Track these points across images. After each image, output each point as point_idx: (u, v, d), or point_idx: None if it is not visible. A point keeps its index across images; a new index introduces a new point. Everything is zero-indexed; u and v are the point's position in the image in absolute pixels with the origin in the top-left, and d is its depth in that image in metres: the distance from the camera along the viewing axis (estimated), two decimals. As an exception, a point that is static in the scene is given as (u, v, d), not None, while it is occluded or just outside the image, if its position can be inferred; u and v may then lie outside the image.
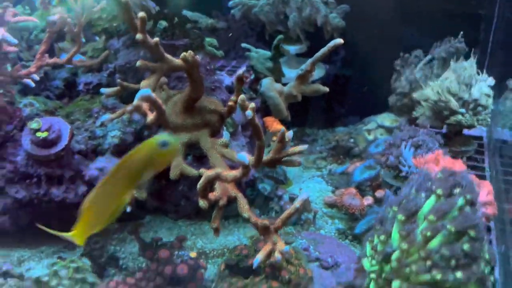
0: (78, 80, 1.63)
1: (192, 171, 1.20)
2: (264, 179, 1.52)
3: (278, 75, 1.70)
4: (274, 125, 1.74)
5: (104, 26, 1.56)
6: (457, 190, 0.81)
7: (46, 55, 1.24)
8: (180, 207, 1.46)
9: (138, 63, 1.09)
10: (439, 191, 0.81)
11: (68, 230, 1.44)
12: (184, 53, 1.14)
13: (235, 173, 0.99)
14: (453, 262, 0.76)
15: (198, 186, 1.00)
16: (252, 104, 1.01)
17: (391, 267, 0.82)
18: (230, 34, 2.17)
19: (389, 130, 1.86)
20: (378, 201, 1.46)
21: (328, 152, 1.89)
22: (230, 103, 1.20)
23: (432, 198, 0.82)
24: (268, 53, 1.72)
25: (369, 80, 2.11)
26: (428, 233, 0.78)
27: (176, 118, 1.24)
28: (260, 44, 2.20)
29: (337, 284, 1.18)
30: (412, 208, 0.83)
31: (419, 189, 0.85)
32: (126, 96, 1.51)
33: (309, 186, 1.64)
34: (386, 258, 0.83)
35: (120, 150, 1.33)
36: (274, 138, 1.72)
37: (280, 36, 1.65)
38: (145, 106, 1.06)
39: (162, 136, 0.85)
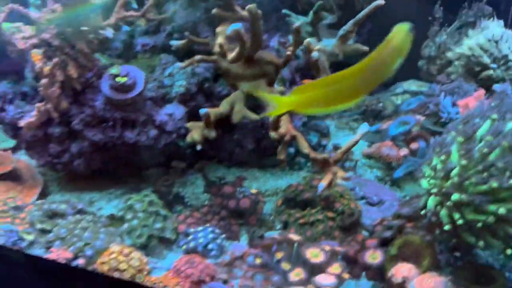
0: (135, 41, 1.72)
1: (253, 115, 1.30)
2: (310, 132, 1.62)
3: (317, 39, 1.79)
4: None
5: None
6: (508, 115, 0.92)
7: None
8: (234, 154, 1.56)
9: (215, 10, 1.19)
10: (494, 116, 0.91)
11: (135, 172, 1.55)
12: (250, 5, 1.24)
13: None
14: (507, 173, 0.87)
15: (271, 120, 1.11)
16: (318, 46, 1.11)
17: (451, 182, 0.92)
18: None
19: (415, 94, 1.96)
20: (412, 152, 1.56)
21: (359, 115, 1.99)
22: (288, 52, 1.30)
23: (488, 122, 0.92)
24: (307, 19, 1.81)
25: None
26: (485, 150, 0.88)
27: (237, 69, 1.34)
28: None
29: (380, 218, 1.28)
30: (470, 131, 0.93)
31: (474, 116, 0.95)
32: (182, 56, 1.61)
33: (346, 140, 1.74)
34: (447, 175, 0.94)
35: (185, 98, 1.43)
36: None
37: (320, 2, 1.75)
38: (225, 47, 1.15)
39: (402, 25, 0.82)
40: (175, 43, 1.36)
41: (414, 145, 1.58)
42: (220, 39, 1.13)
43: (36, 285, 1.25)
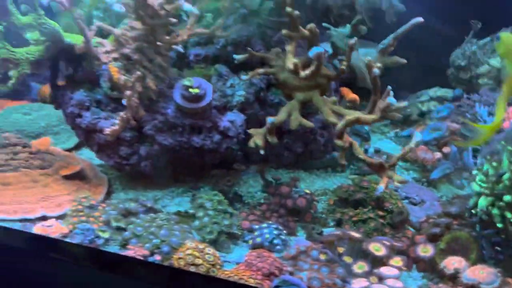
0: (188, 52, 1.82)
1: (308, 122, 1.40)
2: (352, 136, 1.72)
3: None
4: (350, 94, 1.93)
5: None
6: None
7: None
8: (282, 157, 1.66)
9: (284, 31, 1.29)
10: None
11: (199, 172, 1.64)
12: (310, 24, 1.34)
13: (373, 116, 1.19)
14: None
15: (339, 127, 1.21)
16: (379, 64, 1.21)
17: (503, 185, 1.02)
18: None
19: (441, 101, 2.06)
20: (445, 156, 1.67)
21: (388, 120, 2.09)
22: (342, 67, 1.40)
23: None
24: (346, 31, 1.91)
25: (417, 58, 2.29)
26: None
27: (293, 81, 1.44)
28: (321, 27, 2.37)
29: (426, 216, 1.38)
30: (519, 141, 1.04)
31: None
32: (235, 67, 1.71)
33: (382, 144, 1.85)
34: (498, 179, 1.04)
35: (243, 106, 1.53)
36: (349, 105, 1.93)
37: (359, 17, 1.85)
38: (299, 65, 1.25)
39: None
40: (238, 57, 1.46)
41: (446, 149, 1.68)
42: (292, 58, 1.23)
43: (114, 281, 1.34)
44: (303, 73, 1.24)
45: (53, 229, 1.43)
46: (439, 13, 2.20)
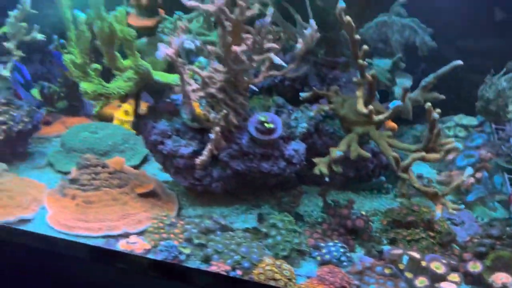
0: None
1: (366, 153, 1.56)
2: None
3: (393, 84, 2.05)
4: (389, 123, 2.09)
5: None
6: None
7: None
8: (334, 180, 1.81)
9: (354, 79, 1.45)
10: None
11: (260, 191, 1.78)
12: (373, 72, 1.49)
13: (437, 156, 1.35)
14: None
15: (405, 163, 1.37)
16: (438, 110, 1.37)
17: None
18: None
19: (466, 128, 2.23)
20: (477, 181, 1.83)
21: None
22: (398, 107, 1.55)
23: None
24: (386, 66, 2.07)
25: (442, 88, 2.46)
26: None
27: (352, 116, 1.60)
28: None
29: (468, 236, 1.54)
30: None
31: None
32: (291, 98, 1.86)
33: (418, 168, 2.01)
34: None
35: (305, 137, 1.69)
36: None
37: (399, 55, 2.01)
38: (373, 111, 1.40)
39: None
40: (303, 94, 1.62)
41: (478, 175, 1.84)
42: (362, 103, 1.39)
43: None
44: (377, 118, 1.40)
45: (137, 246, 1.56)
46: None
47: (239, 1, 1.29)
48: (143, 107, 1.81)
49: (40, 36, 2.02)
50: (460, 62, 1.64)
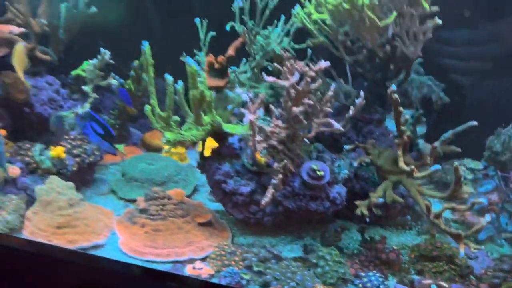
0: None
1: (399, 198, 1.82)
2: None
3: (415, 136, 2.32)
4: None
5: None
6: None
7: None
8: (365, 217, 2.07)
9: (396, 141, 1.71)
10: None
11: (309, 226, 2.03)
12: (408, 133, 1.76)
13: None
14: None
15: (437, 211, 1.62)
16: (462, 168, 1.63)
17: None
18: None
19: (473, 171, 2.50)
20: (488, 222, 2.09)
21: (432, 185, 2.52)
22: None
23: None
24: (407, 116, 2.34)
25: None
26: None
27: (388, 166, 1.86)
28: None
29: (483, 269, 1.80)
30: None
31: None
32: (330, 144, 2.13)
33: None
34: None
35: (345, 181, 1.95)
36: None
37: (421, 112, 2.28)
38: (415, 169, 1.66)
39: None
40: (347, 147, 1.89)
41: (487, 216, 2.11)
42: (403, 162, 1.65)
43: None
44: (419, 175, 1.65)
45: (203, 271, 1.78)
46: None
47: (306, 76, 1.55)
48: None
49: (115, 82, 2.27)
50: (474, 122, 1.90)
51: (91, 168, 2.33)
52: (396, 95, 1.51)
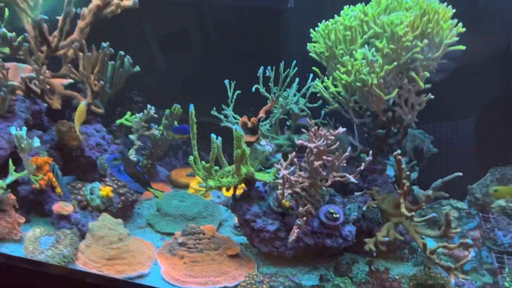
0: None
1: (400, 237, 2.14)
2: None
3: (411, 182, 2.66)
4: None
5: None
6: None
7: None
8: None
9: (399, 191, 2.04)
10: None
11: (323, 258, 2.34)
12: (407, 184, 2.09)
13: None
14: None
15: (433, 248, 1.94)
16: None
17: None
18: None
19: (459, 210, 2.84)
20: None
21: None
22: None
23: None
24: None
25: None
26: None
27: (390, 210, 2.19)
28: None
29: (469, 297, 2.12)
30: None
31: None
32: (339, 188, 2.45)
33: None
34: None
35: (355, 221, 2.27)
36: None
37: (415, 161, 2.63)
38: (414, 214, 1.99)
39: None
40: (357, 194, 2.21)
41: (471, 250, 2.44)
42: (405, 209, 1.99)
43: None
44: (416, 220, 1.98)
45: None
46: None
47: (327, 140, 1.89)
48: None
49: (156, 132, 2.59)
50: (460, 174, 2.23)
51: (132, 205, 2.61)
52: (400, 157, 1.85)
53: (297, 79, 2.52)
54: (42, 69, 2.28)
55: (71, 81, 2.62)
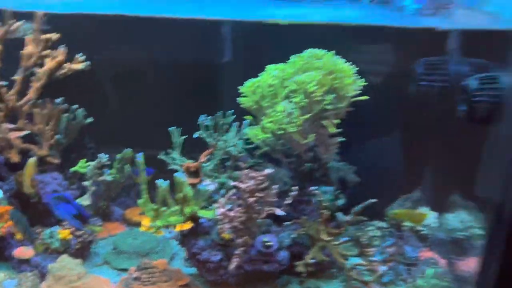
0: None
1: (325, 258, 2.48)
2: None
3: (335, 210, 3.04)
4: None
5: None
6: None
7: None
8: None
9: (319, 220, 2.39)
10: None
11: (262, 280, 2.63)
12: (328, 213, 2.45)
13: (367, 263, 2.29)
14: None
15: (351, 265, 2.28)
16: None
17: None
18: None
19: (383, 229, 3.23)
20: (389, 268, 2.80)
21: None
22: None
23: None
24: (329, 193, 3.06)
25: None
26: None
27: (316, 235, 2.53)
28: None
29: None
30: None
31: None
32: (274, 219, 2.78)
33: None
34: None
35: (288, 248, 2.59)
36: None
37: (339, 191, 3.02)
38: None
39: None
40: (288, 223, 2.55)
41: (389, 265, 2.82)
42: (326, 235, 2.33)
43: None
44: (336, 243, 2.33)
45: None
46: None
47: (257, 180, 2.22)
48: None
49: (109, 178, 2.83)
50: (375, 200, 2.63)
51: (89, 245, 2.82)
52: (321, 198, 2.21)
53: (235, 124, 2.86)
54: (1, 127, 2.49)
55: (28, 132, 2.83)
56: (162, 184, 2.31)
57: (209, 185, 2.62)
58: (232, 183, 2.23)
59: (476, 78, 1.94)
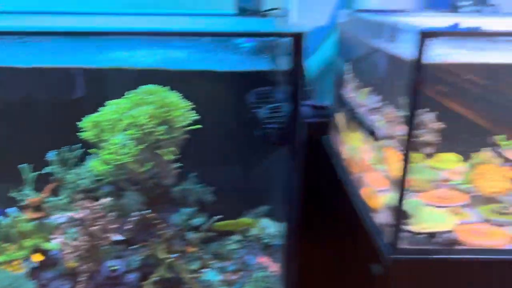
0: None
1: (168, 275, 2.67)
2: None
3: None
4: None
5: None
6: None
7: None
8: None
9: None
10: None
11: None
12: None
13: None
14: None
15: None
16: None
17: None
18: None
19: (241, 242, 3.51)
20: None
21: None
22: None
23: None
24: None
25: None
26: None
27: (162, 255, 2.72)
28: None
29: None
30: None
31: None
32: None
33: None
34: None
35: (137, 270, 2.73)
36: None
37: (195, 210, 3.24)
38: None
39: None
40: (133, 247, 2.70)
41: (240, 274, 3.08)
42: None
43: None
44: (179, 262, 2.53)
45: None
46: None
47: (92, 210, 2.36)
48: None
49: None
50: (219, 216, 2.90)
51: None
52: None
53: (89, 157, 2.98)
54: None
55: None
56: (2, 220, 2.35)
57: (59, 218, 2.70)
58: (70, 214, 2.35)
59: (266, 108, 2.31)
